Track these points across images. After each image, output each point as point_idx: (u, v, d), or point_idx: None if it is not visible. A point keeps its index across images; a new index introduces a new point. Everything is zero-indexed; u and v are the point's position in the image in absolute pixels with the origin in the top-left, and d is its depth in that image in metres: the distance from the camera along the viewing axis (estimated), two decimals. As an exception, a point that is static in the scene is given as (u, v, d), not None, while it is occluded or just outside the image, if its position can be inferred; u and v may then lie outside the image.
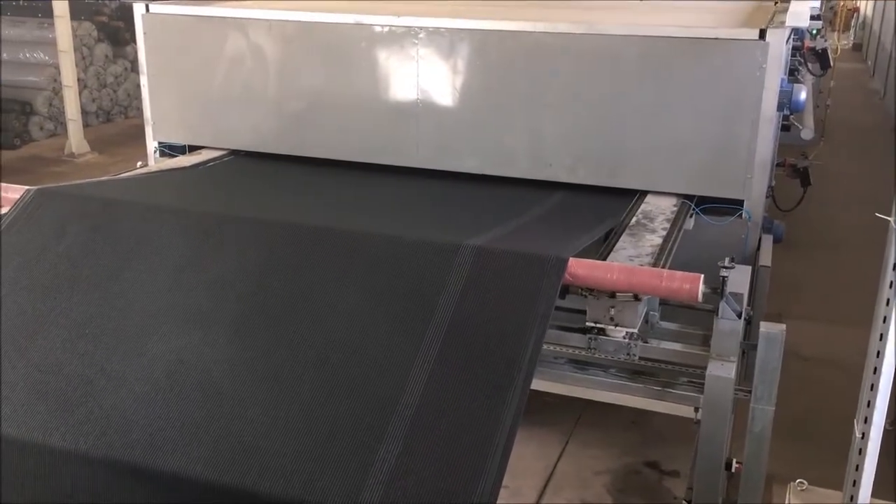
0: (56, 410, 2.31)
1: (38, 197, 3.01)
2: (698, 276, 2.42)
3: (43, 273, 2.70)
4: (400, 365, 2.30)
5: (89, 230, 2.92)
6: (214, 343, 2.45)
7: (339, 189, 3.91)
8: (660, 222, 3.31)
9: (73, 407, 2.31)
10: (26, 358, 2.44)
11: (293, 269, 2.70)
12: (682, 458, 4.12)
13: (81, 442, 2.25)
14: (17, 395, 2.35)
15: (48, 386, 2.36)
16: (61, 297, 2.61)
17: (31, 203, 2.99)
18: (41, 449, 2.28)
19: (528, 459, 4.13)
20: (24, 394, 2.35)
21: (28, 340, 2.48)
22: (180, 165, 4.09)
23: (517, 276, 2.50)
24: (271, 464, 2.12)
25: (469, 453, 2.09)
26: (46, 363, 2.42)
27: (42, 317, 2.54)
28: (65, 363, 2.41)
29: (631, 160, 3.69)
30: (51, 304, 2.59)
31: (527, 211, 3.48)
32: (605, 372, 2.97)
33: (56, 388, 2.35)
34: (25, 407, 2.33)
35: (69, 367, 2.40)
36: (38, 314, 2.56)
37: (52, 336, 2.48)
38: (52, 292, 2.63)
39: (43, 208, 2.98)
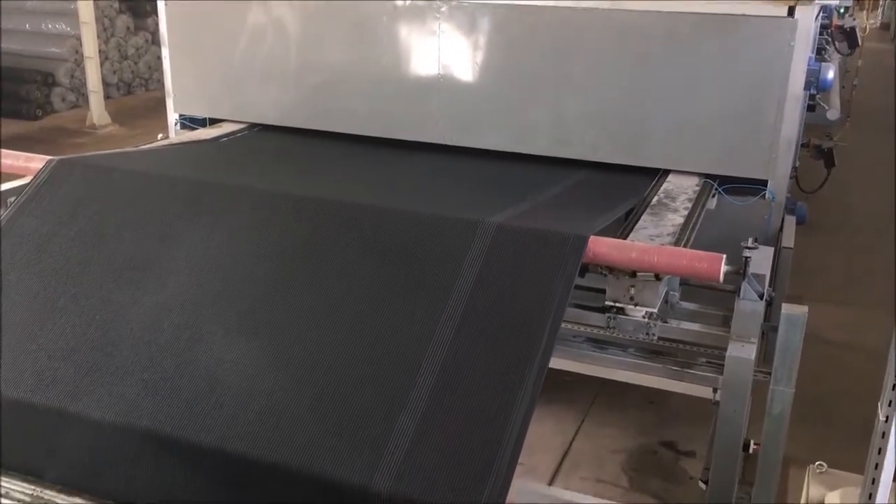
0: (65, 397, 2.32)
1: (61, 167, 3.02)
2: (720, 257, 2.40)
3: (57, 254, 2.69)
4: (418, 341, 2.29)
5: (109, 201, 2.93)
6: (228, 322, 2.45)
7: (359, 164, 3.91)
8: (682, 201, 3.28)
9: (81, 395, 2.31)
10: (37, 343, 2.44)
11: (311, 244, 2.69)
12: (698, 439, 4.11)
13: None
14: (25, 381, 2.36)
15: (57, 372, 2.35)
16: (71, 282, 2.60)
17: (53, 173, 3.00)
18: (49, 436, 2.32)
19: (544, 437, 4.14)
20: (32, 379, 2.36)
21: (39, 325, 2.47)
22: (200, 138, 4.10)
23: (537, 253, 2.49)
24: (288, 437, 2.13)
25: (486, 429, 2.09)
26: (56, 348, 2.41)
27: (52, 301, 2.54)
28: (75, 349, 2.40)
29: (654, 138, 3.65)
30: (62, 287, 2.58)
31: (547, 189, 3.46)
32: (624, 351, 2.95)
33: (65, 375, 2.35)
34: (33, 392, 2.35)
35: (79, 354, 2.39)
36: (48, 298, 2.55)
37: (62, 322, 2.48)
38: (63, 276, 2.62)
39: (65, 178, 2.99)
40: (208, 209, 2.87)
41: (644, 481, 3.94)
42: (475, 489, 1.97)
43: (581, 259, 2.45)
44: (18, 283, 2.61)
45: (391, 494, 2.00)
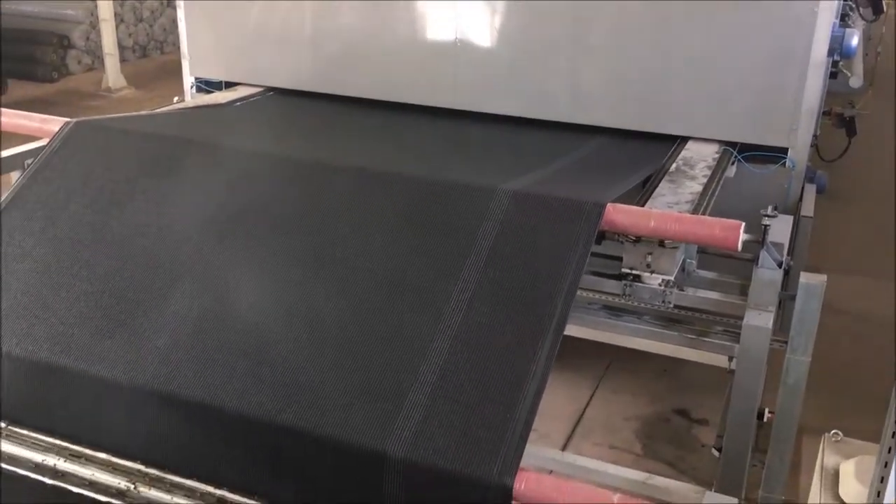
0: (79, 363, 2.33)
1: (78, 129, 3.03)
2: (739, 224, 2.38)
3: (71, 220, 2.70)
4: (434, 306, 2.30)
5: (125, 164, 2.94)
6: (243, 289, 2.45)
7: (374, 130, 3.89)
8: (700, 169, 3.25)
9: (95, 360, 2.32)
10: (51, 309, 2.44)
11: (327, 209, 2.70)
12: (711, 407, 4.12)
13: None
14: (40, 346, 2.37)
15: (71, 339, 2.36)
16: (85, 249, 2.60)
17: (69, 135, 3.00)
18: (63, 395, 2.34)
19: (557, 404, 4.16)
20: (47, 344, 2.37)
21: (53, 293, 2.48)
22: (216, 102, 4.08)
23: (553, 220, 2.47)
24: (305, 401, 2.14)
25: (499, 397, 2.10)
26: (69, 315, 2.42)
27: (66, 269, 2.54)
28: (89, 316, 2.41)
29: (673, 105, 3.61)
30: (76, 254, 2.58)
31: (565, 155, 3.43)
32: (639, 319, 2.95)
33: (79, 342, 2.35)
34: (49, 359, 2.36)
35: (92, 322, 2.40)
36: (62, 266, 2.56)
37: (77, 289, 2.48)
38: (77, 243, 2.62)
39: (81, 140, 3.00)
40: (225, 173, 2.87)
41: (657, 448, 3.96)
42: (488, 456, 1.98)
43: (598, 226, 2.44)
44: (33, 250, 2.61)
45: (405, 460, 2.01)
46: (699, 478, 3.57)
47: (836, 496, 1.89)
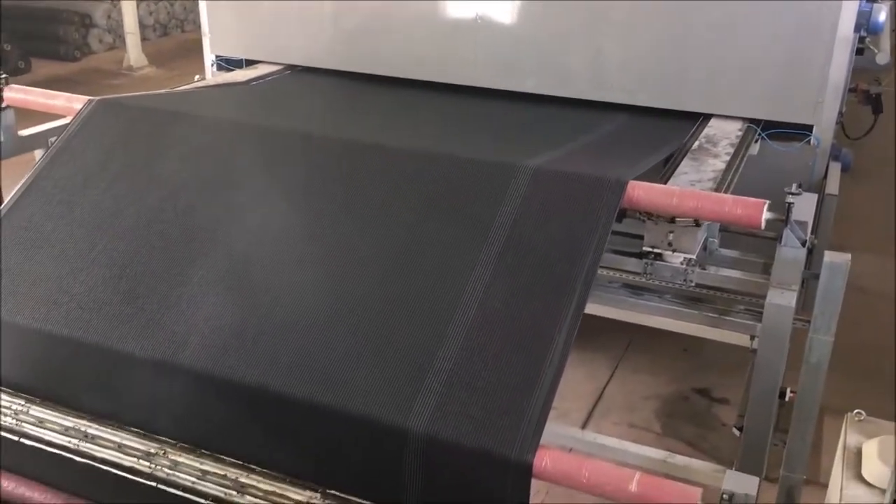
0: (98, 346, 2.36)
1: (100, 107, 3.04)
2: (762, 203, 2.36)
3: (90, 205, 2.70)
4: (454, 283, 2.30)
5: (147, 142, 2.95)
6: (264, 268, 2.45)
7: (395, 106, 3.88)
8: (723, 147, 3.21)
9: (112, 346, 2.33)
10: (69, 294, 2.46)
11: (347, 186, 2.70)
12: (732, 387, 4.11)
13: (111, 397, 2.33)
14: (58, 331, 2.40)
15: (89, 324, 2.38)
16: (103, 233, 2.61)
17: (92, 113, 3.02)
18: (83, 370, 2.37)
19: (576, 382, 4.17)
20: (65, 330, 2.39)
21: (72, 277, 2.49)
22: (237, 80, 4.09)
23: (574, 198, 2.46)
24: (324, 378, 2.15)
25: (519, 373, 2.10)
26: (88, 300, 2.43)
27: (84, 253, 2.55)
28: (106, 301, 2.42)
29: (696, 82, 3.57)
30: (94, 239, 2.59)
31: (586, 133, 3.41)
32: (660, 298, 2.93)
33: (97, 327, 2.37)
34: (69, 343, 2.39)
35: (110, 307, 2.41)
36: (80, 250, 2.57)
37: (95, 273, 2.49)
38: (95, 228, 2.63)
39: (104, 118, 3.01)
40: (247, 152, 2.88)
41: (676, 427, 3.96)
42: (508, 433, 1.98)
43: (619, 204, 2.43)
44: (52, 234, 2.62)
45: (425, 435, 2.02)
46: (719, 457, 3.56)
47: (859, 476, 1.87)
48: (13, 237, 2.63)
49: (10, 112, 3.26)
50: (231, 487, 2.15)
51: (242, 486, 2.15)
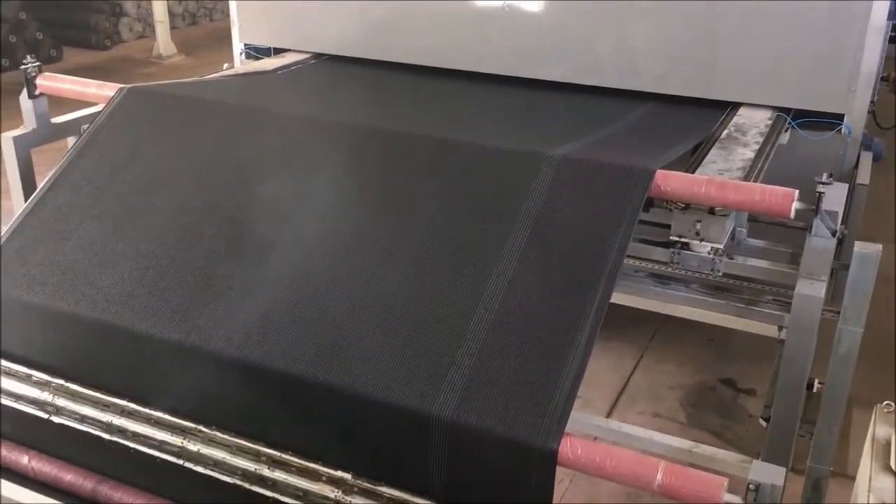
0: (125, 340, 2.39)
1: (131, 95, 3.08)
2: (792, 192, 2.34)
3: (116, 198, 2.72)
4: (482, 270, 2.31)
5: (177, 129, 2.98)
6: (290, 259, 2.46)
7: (422, 95, 3.88)
8: (753, 136, 3.18)
9: (139, 339, 2.36)
10: (96, 287, 2.48)
11: (375, 176, 2.71)
12: (758, 377, 4.09)
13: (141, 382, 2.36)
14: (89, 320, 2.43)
15: (116, 316, 2.40)
16: (130, 226, 2.63)
17: (124, 101, 3.06)
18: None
19: (601, 371, 4.17)
20: (94, 319, 2.42)
21: (98, 270, 2.52)
22: (265, 68, 4.11)
23: (601, 186, 2.46)
24: (351, 363, 2.17)
25: (545, 361, 2.10)
26: (115, 293, 2.46)
27: (111, 246, 2.57)
28: (133, 294, 2.44)
29: (725, 70, 3.53)
30: (120, 232, 2.62)
31: (613, 121, 3.39)
32: (687, 287, 2.93)
33: (122, 320, 2.39)
34: (97, 330, 2.43)
35: (136, 299, 2.43)
36: (107, 243, 2.59)
37: (121, 266, 2.51)
38: (122, 221, 2.65)
39: (135, 106, 3.05)
40: (274, 140, 2.90)
41: (702, 417, 3.94)
42: (533, 420, 1.99)
43: (647, 193, 2.42)
44: (80, 226, 2.65)
45: (451, 423, 2.04)
46: (745, 448, 3.55)
47: (888, 468, 1.86)
48: (43, 228, 2.66)
49: (43, 100, 3.31)
50: (260, 471, 2.18)
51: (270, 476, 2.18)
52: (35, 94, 3.28)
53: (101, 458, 2.40)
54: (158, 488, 2.34)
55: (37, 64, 3.31)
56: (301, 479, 2.15)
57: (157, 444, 2.28)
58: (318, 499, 2.12)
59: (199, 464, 2.24)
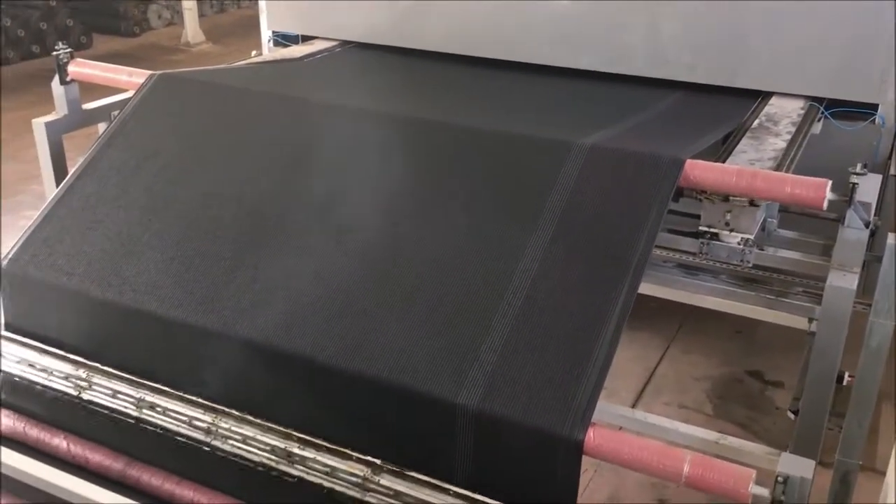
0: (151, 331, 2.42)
1: (161, 82, 3.10)
2: (825, 182, 2.30)
3: (142, 188, 2.74)
4: (509, 259, 2.30)
5: (205, 116, 3.00)
6: (314, 248, 2.46)
7: (449, 83, 3.87)
8: (784, 125, 3.14)
9: (167, 328, 2.38)
10: (122, 277, 2.50)
11: (402, 164, 2.71)
12: (786, 370, 4.05)
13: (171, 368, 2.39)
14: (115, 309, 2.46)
15: (142, 306, 2.42)
16: (156, 217, 2.64)
17: (154, 87, 3.08)
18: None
19: (627, 362, 4.15)
20: (120, 308, 2.45)
21: (125, 260, 2.53)
22: (292, 56, 4.12)
23: (630, 176, 2.44)
24: (378, 351, 2.18)
25: (572, 350, 2.10)
26: (140, 283, 2.47)
27: (137, 237, 2.59)
28: (158, 285, 2.45)
29: (756, 58, 3.49)
30: (146, 222, 2.63)
31: (642, 110, 3.36)
32: (715, 278, 2.90)
33: (149, 310, 2.41)
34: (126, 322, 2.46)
35: (162, 290, 2.44)
36: (133, 234, 2.60)
37: (147, 257, 2.53)
38: (148, 211, 2.66)
39: (165, 93, 3.07)
40: (304, 128, 2.90)
41: (728, 409, 3.92)
42: (560, 409, 1.99)
43: (676, 183, 2.40)
44: (106, 218, 2.67)
45: (477, 411, 2.04)
46: (771, 440, 3.52)
47: (918, 463, 1.84)
48: (70, 218, 2.69)
49: (74, 86, 3.34)
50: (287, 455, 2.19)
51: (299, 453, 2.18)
52: (66, 80, 3.30)
53: (130, 440, 2.43)
54: (187, 471, 2.37)
55: (68, 50, 3.34)
56: (330, 457, 2.15)
57: (187, 421, 2.30)
58: (347, 476, 2.12)
59: (228, 440, 2.25)
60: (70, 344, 2.53)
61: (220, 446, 2.25)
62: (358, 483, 2.10)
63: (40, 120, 3.29)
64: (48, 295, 2.56)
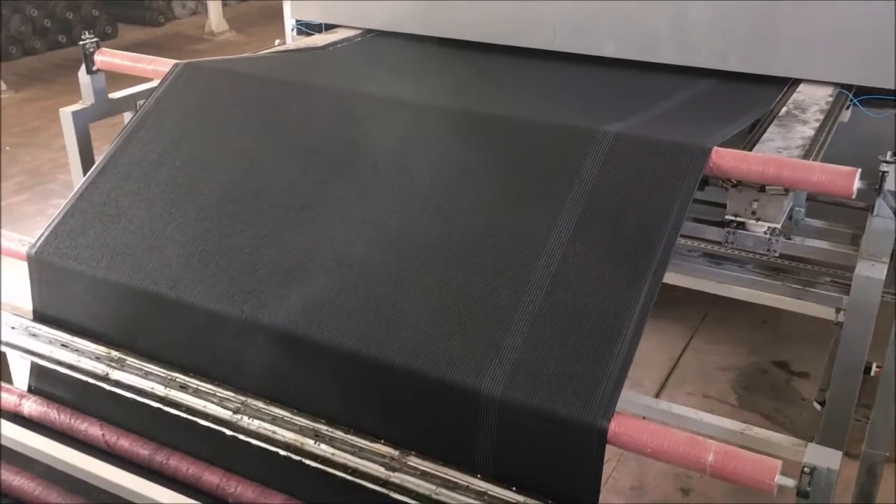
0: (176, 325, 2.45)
1: (186, 70, 3.11)
2: (854, 171, 2.27)
3: (164, 182, 2.75)
4: (533, 247, 2.30)
5: (230, 105, 3.01)
6: (335, 237, 2.47)
7: (472, 71, 3.86)
8: (812, 113, 3.10)
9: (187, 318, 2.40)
10: (144, 270, 2.52)
11: (429, 151, 2.71)
12: (812, 360, 4.01)
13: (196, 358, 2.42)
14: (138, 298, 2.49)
15: (164, 297, 2.45)
16: (177, 211, 2.65)
17: (178, 76, 3.09)
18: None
19: (651, 352, 4.13)
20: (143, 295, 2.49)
21: (147, 254, 2.55)
22: (316, 44, 4.12)
23: (656, 164, 2.42)
24: (402, 338, 2.19)
25: (596, 339, 2.09)
26: (162, 277, 2.49)
27: (159, 230, 2.60)
28: (179, 279, 2.47)
29: (785, 45, 3.43)
30: (168, 216, 2.64)
31: (669, 98, 3.33)
32: (741, 267, 2.87)
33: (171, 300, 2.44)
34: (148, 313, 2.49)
35: (183, 285, 2.46)
36: (155, 227, 2.62)
37: (168, 251, 2.54)
38: (169, 205, 2.67)
39: (190, 82, 3.08)
40: (327, 116, 2.91)
41: (753, 400, 3.89)
42: (583, 398, 1.98)
43: (702, 171, 2.38)
44: (129, 211, 2.68)
45: (500, 399, 2.04)
46: (797, 432, 3.49)
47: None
48: (92, 212, 2.71)
49: (100, 75, 3.36)
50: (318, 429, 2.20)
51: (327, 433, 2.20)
52: (93, 69, 3.33)
53: (158, 425, 2.46)
54: (214, 457, 2.39)
55: (94, 40, 3.36)
56: (357, 439, 2.16)
57: (217, 401, 2.32)
58: (375, 457, 2.13)
59: (256, 419, 2.27)
60: (98, 329, 2.56)
61: (248, 427, 2.26)
62: (385, 464, 2.10)
63: (67, 109, 3.32)
64: (75, 285, 2.60)
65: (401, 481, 2.06)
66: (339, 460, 2.15)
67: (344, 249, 2.44)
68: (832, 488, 1.80)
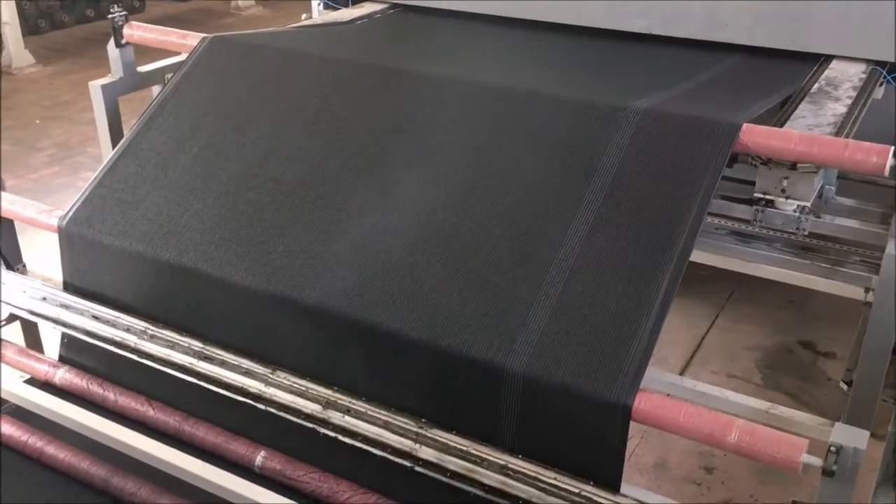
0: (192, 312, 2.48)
1: (214, 44, 3.12)
2: (887, 148, 2.23)
3: (182, 169, 2.75)
4: (559, 223, 2.29)
5: (257, 80, 3.01)
6: (362, 217, 2.46)
7: (500, 46, 3.83)
8: (845, 90, 3.05)
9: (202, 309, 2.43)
10: (161, 259, 2.54)
11: (452, 125, 2.70)
12: (840, 341, 3.98)
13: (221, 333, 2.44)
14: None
15: (183, 284, 2.47)
16: (194, 198, 2.65)
17: (207, 49, 3.10)
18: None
19: (675, 330, 4.11)
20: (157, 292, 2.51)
21: (164, 242, 2.56)
22: (342, 19, 4.11)
23: (684, 140, 2.40)
24: (426, 314, 2.20)
25: (623, 315, 2.09)
26: (179, 265, 2.51)
27: (175, 217, 2.61)
28: (194, 270, 2.48)
29: (817, 20, 3.37)
30: (185, 203, 2.64)
31: (698, 74, 3.29)
32: (770, 246, 2.85)
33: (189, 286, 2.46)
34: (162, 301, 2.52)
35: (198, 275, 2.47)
36: (172, 214, 2.62)
37: (185, 238, 2.54)
38: (186, 192, 2.67)
39: (218, 55, 3.09)
40: (353, 92, 2.90)
41: (778, 379, 3.87)
42: (608, 375, 1.99)
43: (731, 148, 2.35)
44: (147, 197, 2.69)
45: (524, 375, 2.05)
46: (822, 411, 3.46)
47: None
48: (110, 199, 2.72)
49: (129, 48, 3.38)
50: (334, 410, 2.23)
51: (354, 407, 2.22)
52: (122, 43, 3.34)
53: (186, 395, 2.50)
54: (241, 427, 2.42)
55: (123, 13, 3.37)
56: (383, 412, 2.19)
57: (244, 371, 2.35)
58: (401, 423, 2.16)
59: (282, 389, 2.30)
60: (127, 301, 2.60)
61: (274, 398, 2.29)
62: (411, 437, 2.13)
63: (97, 82, 3.34)
64: (104, 256, 2.63)
65: (426, 455, 2.09)
66: (362, 432, 2.18)
67: (371, 226, 2.44)
68: (858, 468, 1.79)
